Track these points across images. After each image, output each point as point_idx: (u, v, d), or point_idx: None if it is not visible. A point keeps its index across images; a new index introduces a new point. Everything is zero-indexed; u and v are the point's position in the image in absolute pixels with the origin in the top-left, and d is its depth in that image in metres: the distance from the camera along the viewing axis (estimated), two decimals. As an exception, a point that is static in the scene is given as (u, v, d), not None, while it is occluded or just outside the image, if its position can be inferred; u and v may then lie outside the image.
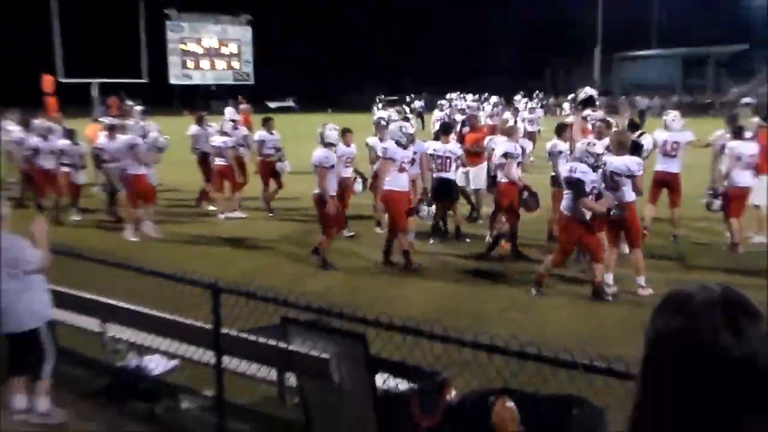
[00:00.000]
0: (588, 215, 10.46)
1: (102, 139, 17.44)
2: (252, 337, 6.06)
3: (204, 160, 18.22)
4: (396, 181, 12.31)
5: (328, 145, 12.98)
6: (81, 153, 17.57)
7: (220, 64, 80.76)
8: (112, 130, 17.03)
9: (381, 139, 14.42)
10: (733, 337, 1.42)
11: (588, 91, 13.12)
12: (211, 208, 18.02)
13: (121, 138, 16.21)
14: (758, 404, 1.40)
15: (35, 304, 6.75)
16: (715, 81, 70.66)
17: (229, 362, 6.22)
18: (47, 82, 47.57)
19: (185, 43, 78.19)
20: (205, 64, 79.69)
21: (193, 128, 18.82)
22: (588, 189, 10.23)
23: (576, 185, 10.26)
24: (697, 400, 1.43)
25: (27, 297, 6.69)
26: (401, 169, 12.30)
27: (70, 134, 17.63)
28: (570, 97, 25.71)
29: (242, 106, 25.98)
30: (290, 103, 56.93)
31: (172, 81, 77.50)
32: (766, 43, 61.07)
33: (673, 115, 14.48)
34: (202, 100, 73.84)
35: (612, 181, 10.60)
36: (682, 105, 47.51)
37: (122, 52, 70.21)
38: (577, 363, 4.09)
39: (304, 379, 5.88)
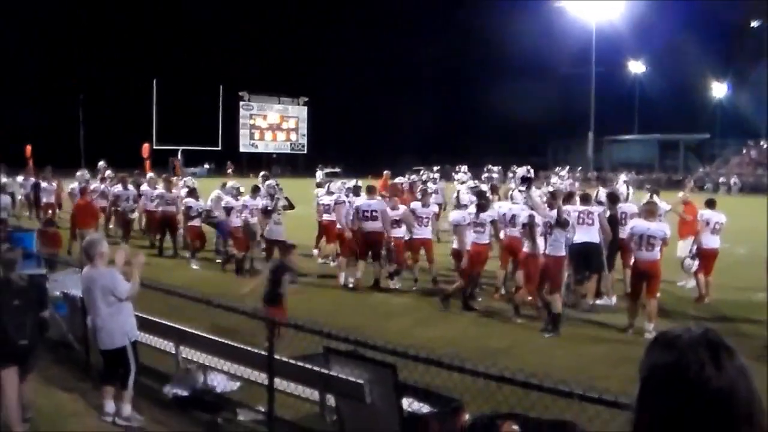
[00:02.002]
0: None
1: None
2: (299, 363, 5.96)
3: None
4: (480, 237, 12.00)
5: (463, 206, 12.56)
6: (203, 208, 16.94)
7: (281, 136, 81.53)
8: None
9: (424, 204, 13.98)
10: (716, 370, 1.45)
11: (522, 171, 13.04)
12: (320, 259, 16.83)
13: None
14: (737, 425, 1.43)
15: (126, 326, 6.85)
16: (684, 162, 71.19)
17: (280, 383, 6.10)
18: (145, 149, 48.38)
19: (254, 119, 79.18)
20: (268, 136, 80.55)
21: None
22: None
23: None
24: (686, 425, 1.45)
25: (118, 320, 6.78)
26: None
27: (192, 192, 17.16)
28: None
29: (385, 172, 24.28)
30: (337, 169, 57.23)
31: (242, 149, 78.32)
32: (724, 133, 62.13)
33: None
34: (265, 165, 74.46)
35: (648, 243, 10.41)
36: (659, 181, 47.26)
37: (203, 125, 71.26)
38: (573, 393, 3.97)
39: (342, 400, 5.78)
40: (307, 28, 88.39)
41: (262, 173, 19.02)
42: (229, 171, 25.55)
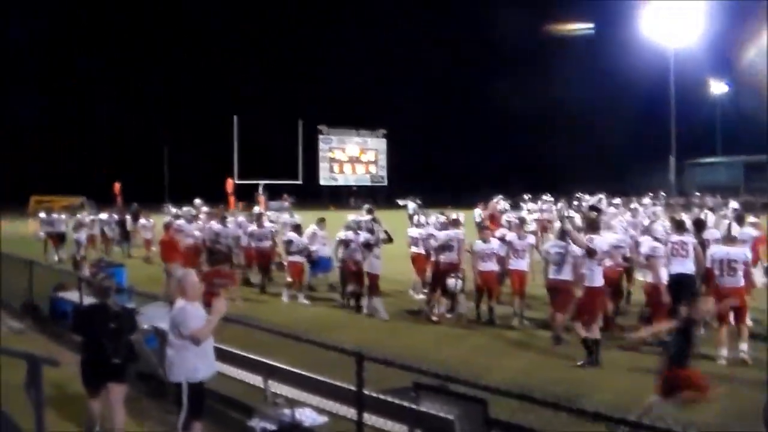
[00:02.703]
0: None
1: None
2: (388, 398, 5.92)
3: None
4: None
5: (657, 238, 11.73)
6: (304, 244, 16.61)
7: (360, 168, 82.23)
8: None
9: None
10: None
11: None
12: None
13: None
14: None
15: (188, 364, 6.56)
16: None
17: (368, 418, 6.05)
18: (229, 184, 49.68)
19: (333, 152, 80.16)
20: (348, 168, 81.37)
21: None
22: None
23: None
24: None
25: (182, 356, 6.60)
26: None
27: (297, 228, 17.12)
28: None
29: (495, 203, 24.00)
30: (418, 201, 57.37)
31: (322, 182, 79.32)
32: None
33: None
34: (345, 198, 75.23)
35: (729, 268, 10.20)
36: (746, 204, 45.56)
37: (283, 159, 72.57)
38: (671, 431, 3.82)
39: (431, 435, 5.69)
40: (386, 62, 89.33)
41: (366, 206, 18.76)
42: (286, 204, 25.13)
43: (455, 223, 14.63)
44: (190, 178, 67.29)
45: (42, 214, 25.18)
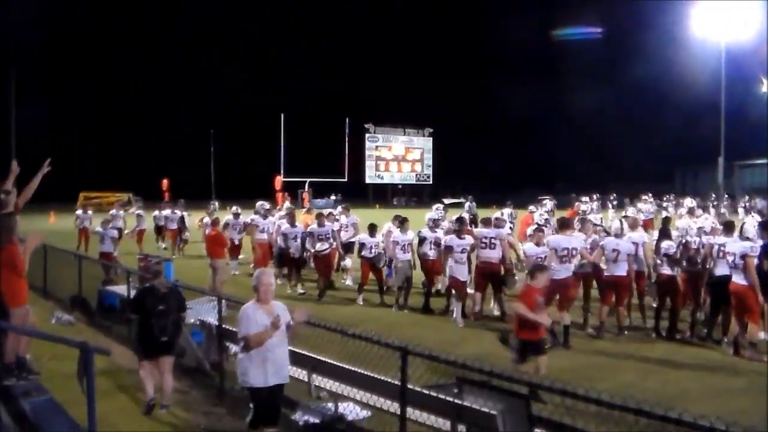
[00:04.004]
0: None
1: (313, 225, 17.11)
2: (432, 393, 5.96)
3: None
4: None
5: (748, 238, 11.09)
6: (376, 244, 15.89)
7: (406, 167, 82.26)
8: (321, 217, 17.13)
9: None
10: None
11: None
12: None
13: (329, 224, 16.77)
14: None
15: (240, 368, 6.57)
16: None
17: (411, 413, 6.08)
18: (278, 181, 50.24)
19: (379, 150, 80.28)
20: (393, 167, 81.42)
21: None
22: None
23: None
24: None
25: (240, 358, 6.58)
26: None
27: (372, 228, 16.17)
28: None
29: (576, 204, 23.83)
30: (461, 199, 57.28)
31: (368, 180, 79.51)
32: None
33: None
34: (390, 196, 75.38)
35: None
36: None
37: (329, 157, 72.99)
38: (714, 428, 3.80)
39: (474, 430, 5.72)
40: (433, 61, 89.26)
41: (436, 206, 18.24)
42: (259, 203, 23.53)
43: (498, 222, 14.47)
44: (237, 175, 68.13)
45: (78, 211, 25.70)
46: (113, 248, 18.54)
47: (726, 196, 50.65)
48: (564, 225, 12.50)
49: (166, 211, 26.25)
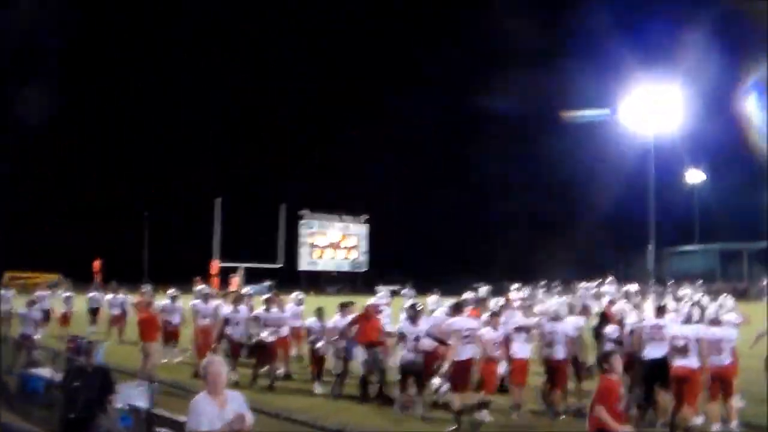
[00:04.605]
0: None
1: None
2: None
3: None
4: None
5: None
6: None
7: (341, 254, 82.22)
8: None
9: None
10: None
11: None
12: None
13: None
14: None
15: None
16: (749, 271, 69.91)
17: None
18: (214, 266, 49.86)
19: (313, 237, 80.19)
20: (328, 253, 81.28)
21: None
22: None
23: None
24: None
25: None
26: None
27: (320, 313, 15.57)
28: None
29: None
30: (397, 287, 57.43)
31: (302, 267, 79.09)
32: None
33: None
34: (323, 284, 75.12)
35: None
36: (723, 291, 45.87)
37: (264, 242, 72.67)
38: None
39: None
40: (370, 147, 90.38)
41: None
42: (199, 287, 22.97)
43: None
44: (170, 258, 67.10)
45: (2, 291, 24.50)
46: (34, 331, 17.76)
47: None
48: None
49: (109, 296, 25.69)
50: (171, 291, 20.08)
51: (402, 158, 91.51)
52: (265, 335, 15.63)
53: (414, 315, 13.07)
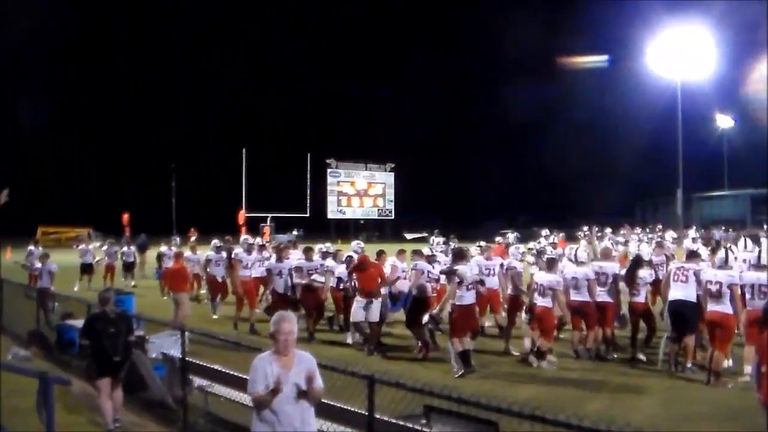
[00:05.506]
0: None
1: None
2: (400, 422, 5.90)
3: None
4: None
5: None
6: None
7: (368, 202, 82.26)
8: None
9: None
10: None
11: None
12: None
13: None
14: None
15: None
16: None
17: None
18: (241, 216, 50.26)
19: (341, 185, 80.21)
20: (355, 202, 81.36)
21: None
22: None
23: None
24: None
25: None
26: None
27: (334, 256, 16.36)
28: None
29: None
30: (424, 234, 57.46)
31: (330, 215, 79.31)
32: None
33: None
34: (352, 231, 75.37)
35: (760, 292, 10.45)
36: (752, 237, 45.28)
37: (292, 192, 72.78)
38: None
39: (443, 459, 5.65)
40: (395, 95, 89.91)
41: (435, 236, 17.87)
42: (192, 238, 23.21)
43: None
44: (198, 210, 67.64)
45: (30, 247, 24.35)
46: (50, 283, 17.22)
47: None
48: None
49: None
50: (215, 241, 19.80)
51: (426, 107, 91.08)
52: (316, 278, 15.35)
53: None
